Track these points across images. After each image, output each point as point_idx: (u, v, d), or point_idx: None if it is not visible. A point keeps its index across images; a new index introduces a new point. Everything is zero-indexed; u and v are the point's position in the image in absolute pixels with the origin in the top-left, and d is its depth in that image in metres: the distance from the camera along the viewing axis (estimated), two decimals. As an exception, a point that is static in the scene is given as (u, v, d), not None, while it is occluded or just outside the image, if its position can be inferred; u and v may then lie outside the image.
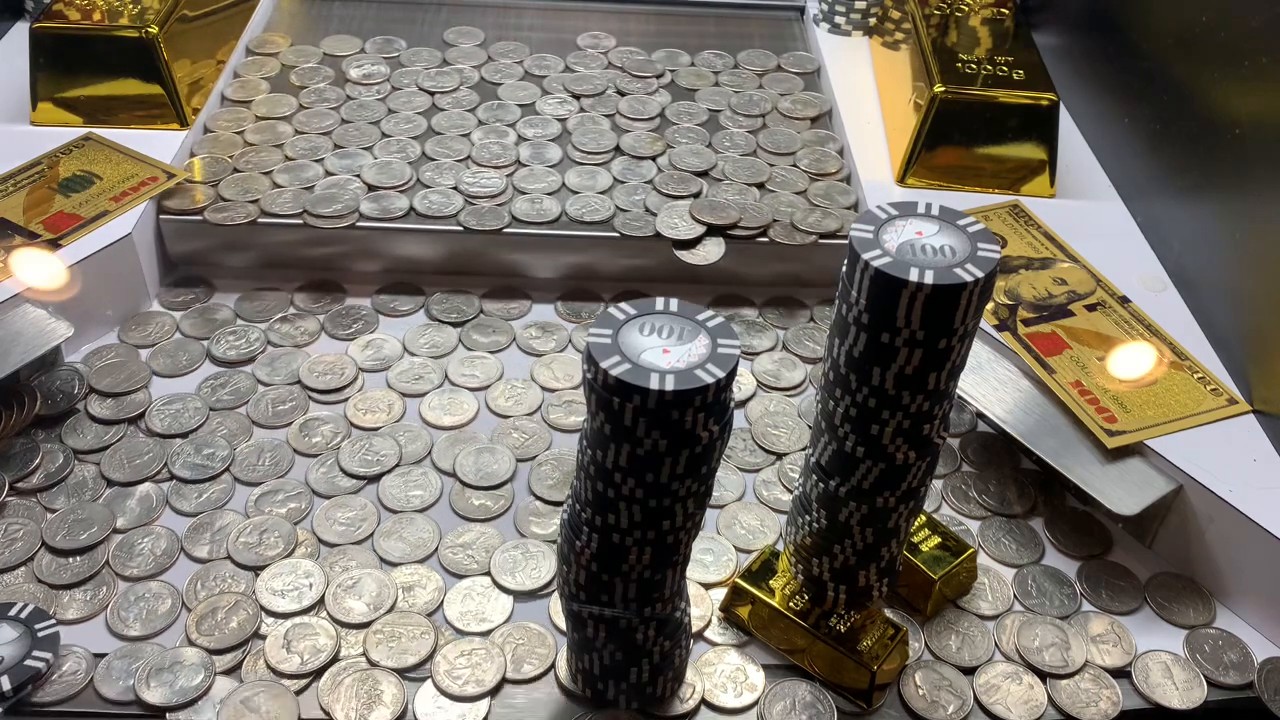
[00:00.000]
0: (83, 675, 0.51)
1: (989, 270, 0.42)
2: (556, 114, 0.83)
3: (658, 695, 0.51)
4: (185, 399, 0.64)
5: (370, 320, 0.71)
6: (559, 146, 0.79)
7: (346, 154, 0.78)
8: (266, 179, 0.75)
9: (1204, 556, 0.58)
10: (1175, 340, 0.65)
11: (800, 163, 0.80)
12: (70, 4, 0.78)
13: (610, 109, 0.84)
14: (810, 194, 0.77)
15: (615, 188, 0.76)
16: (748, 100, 0.86)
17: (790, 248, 0.73)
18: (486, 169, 0.76)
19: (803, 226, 0.73)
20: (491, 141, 0.79)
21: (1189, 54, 0.72)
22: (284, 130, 0.80)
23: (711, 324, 0.43)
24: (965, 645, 0.55)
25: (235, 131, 0.79)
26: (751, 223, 0.73)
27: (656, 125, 0.83)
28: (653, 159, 0.79)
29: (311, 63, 0.88)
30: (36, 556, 0.56)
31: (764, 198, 0.76)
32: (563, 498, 0.60)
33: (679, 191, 0.75)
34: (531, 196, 0.74)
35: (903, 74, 0.83)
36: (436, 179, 0.75)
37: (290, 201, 0.73)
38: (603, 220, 0.73)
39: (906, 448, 0.46)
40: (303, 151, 0.77)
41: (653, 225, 0.73)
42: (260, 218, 0.72)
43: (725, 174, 0.78)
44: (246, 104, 0.82)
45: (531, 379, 0.68)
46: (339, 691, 0.51)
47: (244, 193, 0.73)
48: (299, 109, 0.82)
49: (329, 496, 0.60)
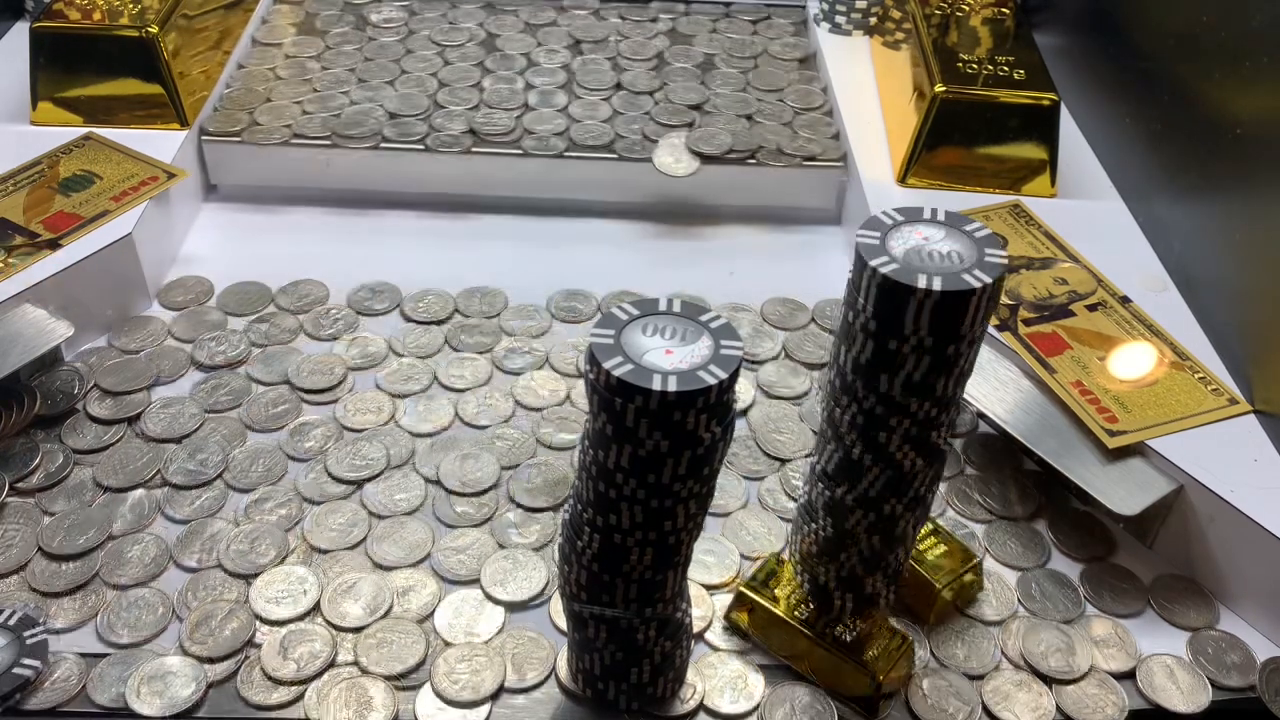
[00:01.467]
0: (75, 682, 0.51)
1: (997, 276, 0.42)
2: (561, 61, 0.90)
3: (658, 696, 0.51)
4: (183, 402, 0.64)
5: (350, 321, 0.71)
6: (565, 93, 0.86)
7: (369, 87, 0.85)
8: (297, 107, 0.82)
9: (1205, 557, 0.58)
10: (1176, 340, 0.65)
11: (787, 99, 0.87)
12: (70, 4, 0.78)
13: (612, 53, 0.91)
14: (795, 125, 0.84)
15: (615, 118, 0.83)
16: (740, 44, 0.93)
17: (776, 170, 0.79)
18: (497, 110, 0.83)
19: (788, 151, 0.80)
20: (502, 86, 0.86)
21: (1189, 54, 0.72)
22: (312, 66, 0.87)
23: (714, 325, 0.43)
24: (971, 652, 0.55)
25: (267, 68, 0.87)
26: (740, 147, 0.80)
27: (655, 66, 0.90)
28: (650, 94, 0.86)
29: (334, 9, 0.95)
30: (30, 563, 0.56)
31: (752, 128, 0.83)
32: (542, 504, 0.61)
33: (674, 122, 0.82)
34: (539, 135, 0.81)
35: (903, 74, 0.83)
36: (447, 124, 0.81)
37: (320, 126, 0.80)
38: (603, 145, 0.80)
39: (913, 454, 0.46)
40: (330, 84, 0.85)
41: (649, 151, 0.80)
42: (293, 139, 0.79)
43: (717, 108, 0.84)
44: (277, 45, 0.89)
45: (511, 394, 0.67)
46: (327, 704, 0.51)
47: (277, 119, 0.81)
48: (325, 50, 0.90)
49: (320, 502, 0.60)
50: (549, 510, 0.60)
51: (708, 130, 0.81)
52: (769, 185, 0.81)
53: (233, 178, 0.80)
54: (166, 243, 0.74)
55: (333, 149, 0.79)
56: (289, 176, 0.80)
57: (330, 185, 0.80)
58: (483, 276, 0.75)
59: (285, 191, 0.81)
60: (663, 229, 0.81)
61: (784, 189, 0.81)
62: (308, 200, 0.81)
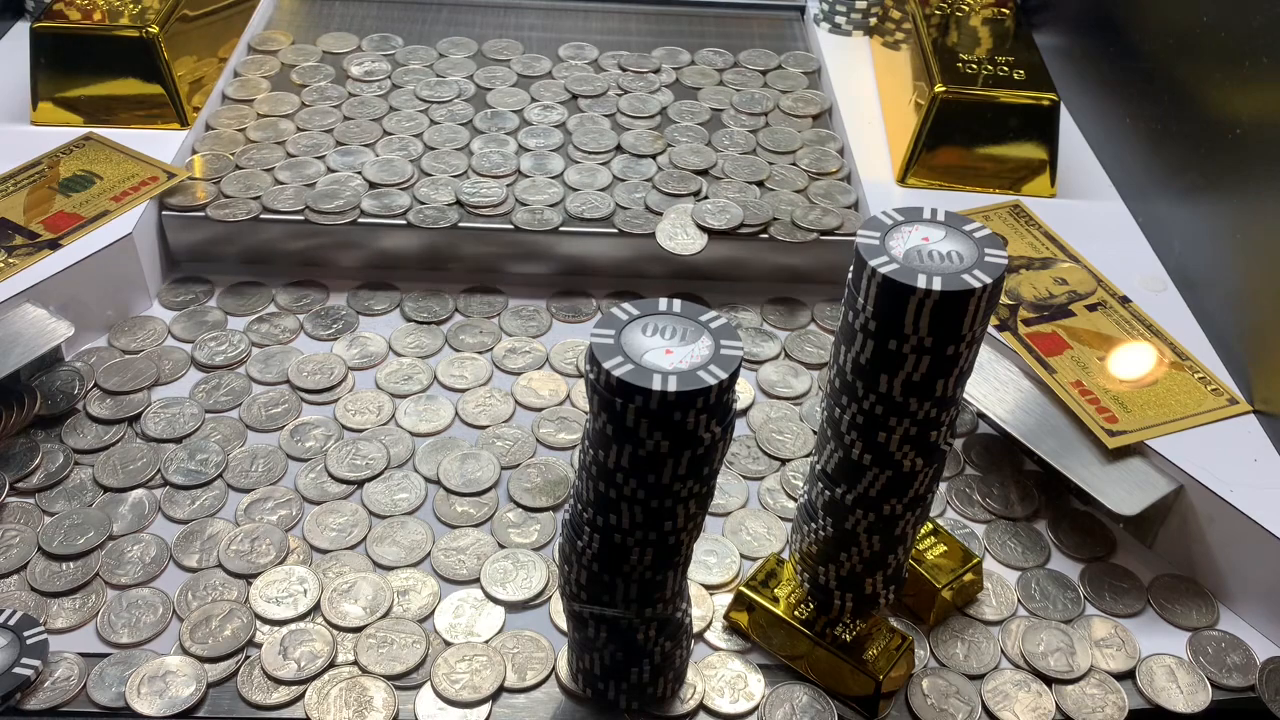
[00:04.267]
0: (75, 682, 0.51)
1: (997, 276, 0.42)
2: (556, 118, 0.83)
3: (658, 696, 0.51)
4: (182, 402, 0.64)
5: (350, 320, 0.71)
6: (561, 156, 0.79)
7: (348, 151, 0.78)
8: (269, 175, 0.75)
9: (1205, 557, 0.58)
10: (1176, 340, 0.65)
11: (800, 161, 0.80)
12: (71, 4, 0.78)
13: (610, 109, 0.84)
14: (810, 193, 0.77)
15: (615, 185, 0.77)
16: (749, 99, 0.86)
17: (790, 245, 0.73)
18: (486, 179, 0.76)
19: (803, 224, 0.74)
20: (492, 150, 0.79)
21: (1189, 54, 0.72)
22: (286, 127, 0.80)
23: (714, 325, 0.43)
24: (971, 652, 0.55)
25: (237, 129, 0.79)
26: (752, 221, 0.73)
27: (657, 124, 0.83)
28: (653, 157, 0.80)
29: (312, 61, 0.88)
30: (31, 563, 0.56)
31: (764, 196, 0.76)
32: (542, 504, 0.60)
33: (679, 190, 0.76)
34: (532, 208, 0.74)
35: (903, 74, 0.83)
36: (433, 196, 0.74)
37: (292, 198, 0.73)
38: (603, 217, 0.74)
39: (914, 455, 0.46)
40: (304, 149, 0.78)
41: (653, 223, 0.73)
42: (262, 214, 0.72)
43: (725, 172, 0.78)
44: (248, 102, 0.83)
45: (511, 393, 0.67)
46: (327, 704, 0.51)
47: (246, 189, 0.74)
48: (301, 106, 0.83)
49: (319, 502, 0.60)
50: (549, 510, 0.60)
51: (717, 202, 0.74)
52: (781, 260, 0.74)
53: (195, 252, 0.73)
54: (166, 243, 0.74)
55: (305, 225, 0.72)
56: (256, 252, 0.73)
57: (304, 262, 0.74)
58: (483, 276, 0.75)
59: (253, 270, 0.74)
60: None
61: (798, 262, 0.75)
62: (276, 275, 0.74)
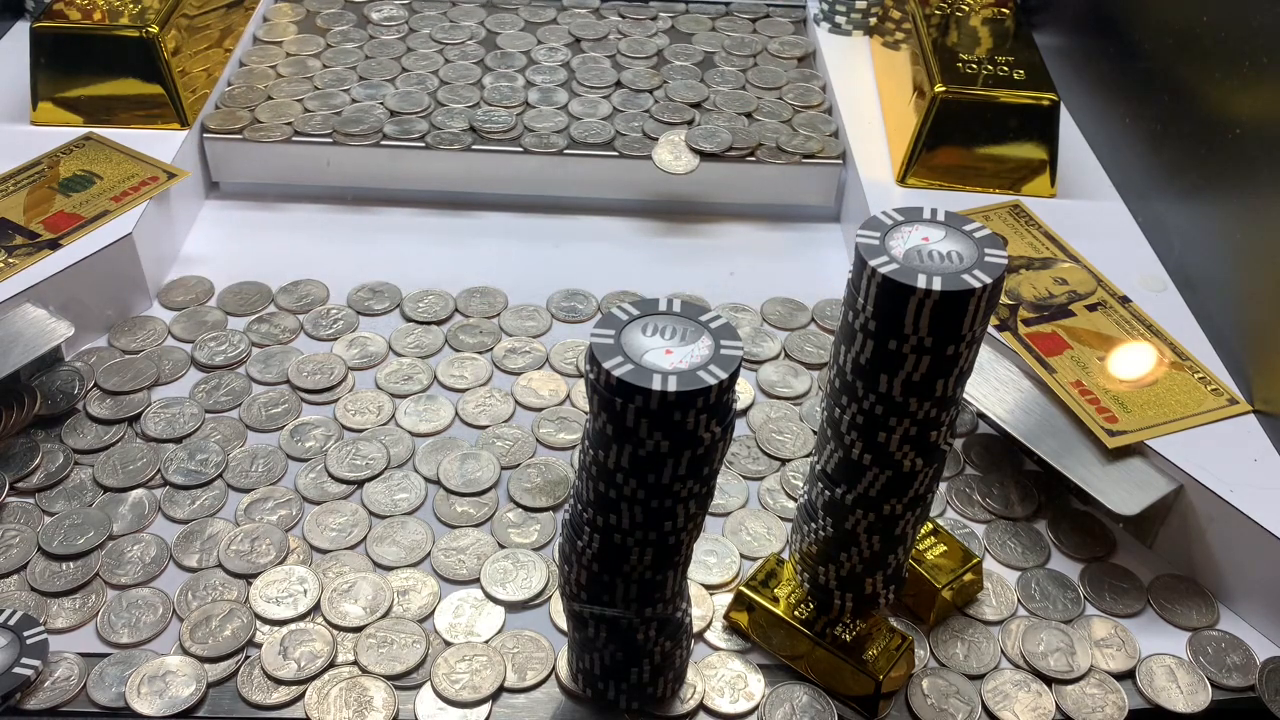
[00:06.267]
0: (75, 682, 0.51)
1: (997, 276, 0.42)
2: (561, 59, 0.90)
3: (658, 696, 0.51)
4: (183, 402, 0.64)
5: (350, 320, 0.71)
6: (565, 90, 0.86)
7: (370, 85, 0.85)
8: (299, 105, 0.82)
9: (1205, 557, 0.58)
10: (1176, 340, 0.65)
11: (785, 96, 0.87)
12: (71, 4, 0.78)
13: (611, 50, 0.92)
14: (794, 123, 0.84)
15: (615, 115, 0.84)
16: (739, 42, 0.93)
17: (775, 167, 0.80)
18: (497, 108, 0.83)
19: (787, 148, 0.81)
20: (502, 85, 0.86)
21: (1189, 54, 0.72)
22: (313, 65, 0.87)
23: (714, 325, 0.43)
24: (971, 652, 0.55)
25: (268, 66, 0.87)
26: (740, 144, 0.80)
27: (654, 64, 0.90)
28: (650, 92, 0.86)
29: (335, 8, 0.95)
30: (31, 563, 0.56)
31: (751, 125, 0.83)
32: (542, 504, 0.60)
33: (674, 120, 0.83)
34: (539, 133, 0.81)
35: (903, 74, 0.83)
36: (448, 122, 0.81)
37: (321, 124, 0.80)
38: (604, 142, 0.80)
39: (914, 455, 0.46)
40: (330, 82, 0.85)
41: (649, 148, 0.80)
42: (294, 137, 0.79)
43: (716, 105, 0.85)
44: (278, 44, 0.90)
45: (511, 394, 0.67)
46: (327, 704, 0.51)
47: (278, 116, 0.81)
48: (325, 48, 0.90)
49: (319, 502, 0.60)
50: (549, 510, 0.60)
51: (708, 128, 0.82)
52: (768, 182, 0.81)
53: (234, 175, 0.81)
54: (166, 243, 0.74)
55: (334, 146, 0.79)
56: (290, 174, 0.80)
57: (331, 183, 0.81)
58: (483, 276, 0.75)
59: (286, 189, 0.81)
60: (662, 226, 0.81)
61: (783, 186, 0.81)
62: (309, 198, 0.81)
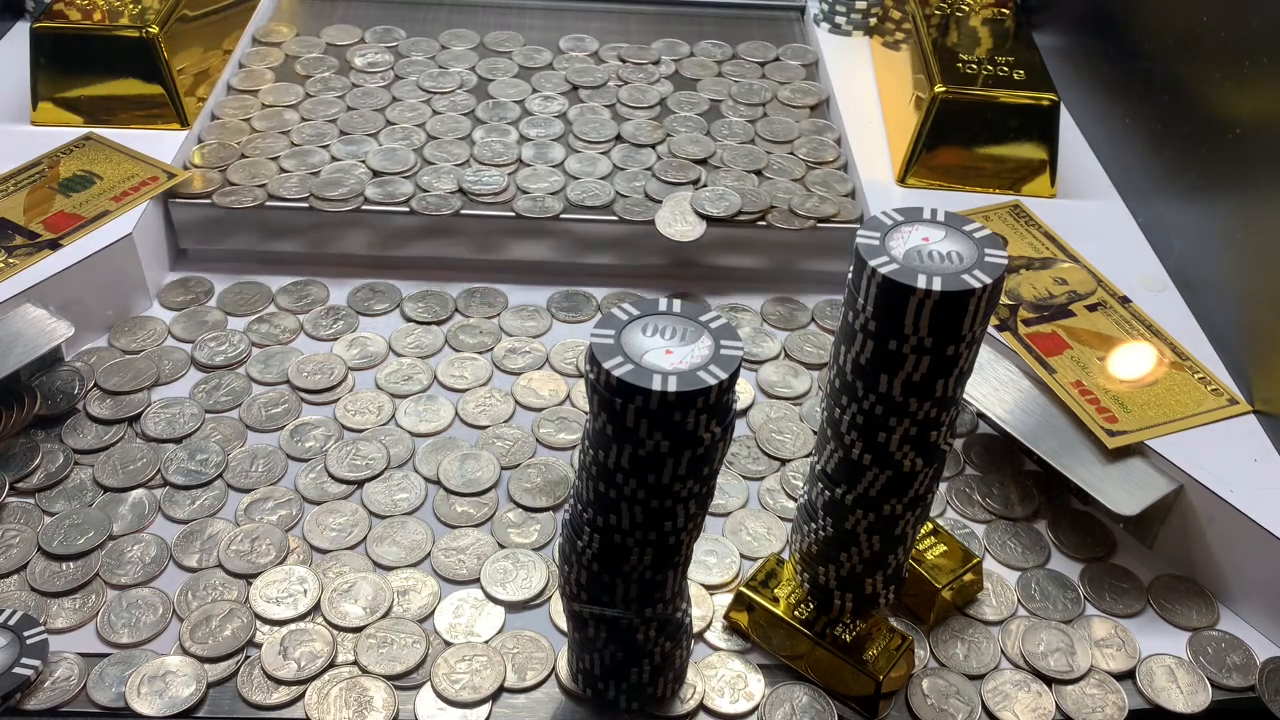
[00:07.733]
0: (75, 682, 0.51)
1: (997, 276, 0.42)
2: (557, 108, 0.83)
3: (658, 696, 0.51)
4: (182, 402, 0.64)
5: (351, 320, 0.71)
6: (562, 145, 0.80)
7: (352, 140, 0.79)
8: (274, 164, 0.76)
9: (1205, 557, 0.58)
10: (1176, 340, 0.65)
11: (798, 151, 0.81)
12: (71, 4, 0.78)
13: (610, 99, 0.85)
14: (807, 181, 0.78)
15: (615, 174, 0.77)
16: (748, 90, 0.87)
17: (788, 232, 0.74)
18: (488, 167, 0.77)
19: (800, 211, 0.74)
20: (493, 140, 0.79)
21: (1189, 54, 0.72)
22: (290, 117, 0.81)
23: (714, 325, 0.43)
24: (971, 652, 0.55)
25: (242, 119, 0.80)
26: (750, 208, 0.74)
27: (657, 114, 0.84)
28: (652, 146, 0.80)
29: (316, 53, 0.88)
30: (31, 563, 0.56)
31: (761, 184, 0.77)
32: (542, 504, 0.60)
33: (678, 179, 0.77)
34: (533, 195, 0.74)
35: (903, 74, 0.83)
36: (435, 184, 0.74)
37: (297, 186, 0.74)
38: (603, 205, 0.74)
39: (914, 455, 0.46)
40: (309, 137, 0.78)
41: (652, 211, 0.74)
42: (268, 201, 0.73)
43: (724, 161, 0.79)
44: (253, 93, 0.83)
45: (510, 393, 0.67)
46: (327, 704, 0.51)
47: (251, 177, 0.74)
48: (305, 97, 0.83)
49: (319, 502, 0.60)
50: (549, 510, 0.60)
51: (715, 190, 0.75)
52: (779, 249, 0.75)
53: (202, 243, 0.74)
54: (167, 243, 0.74)
55: (311, 213, 0.72)
56: (261, 242, 0.74)
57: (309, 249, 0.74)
58: (483, 276, 0.75)
59: (259, 255, 0.74)
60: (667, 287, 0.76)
61: (796, 252, 0.75)
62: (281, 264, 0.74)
